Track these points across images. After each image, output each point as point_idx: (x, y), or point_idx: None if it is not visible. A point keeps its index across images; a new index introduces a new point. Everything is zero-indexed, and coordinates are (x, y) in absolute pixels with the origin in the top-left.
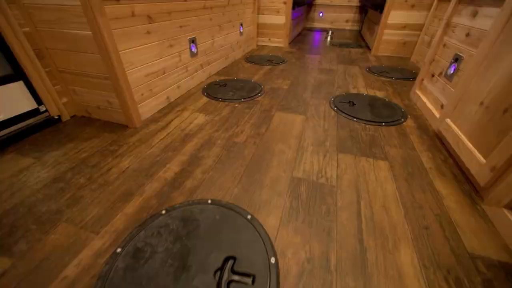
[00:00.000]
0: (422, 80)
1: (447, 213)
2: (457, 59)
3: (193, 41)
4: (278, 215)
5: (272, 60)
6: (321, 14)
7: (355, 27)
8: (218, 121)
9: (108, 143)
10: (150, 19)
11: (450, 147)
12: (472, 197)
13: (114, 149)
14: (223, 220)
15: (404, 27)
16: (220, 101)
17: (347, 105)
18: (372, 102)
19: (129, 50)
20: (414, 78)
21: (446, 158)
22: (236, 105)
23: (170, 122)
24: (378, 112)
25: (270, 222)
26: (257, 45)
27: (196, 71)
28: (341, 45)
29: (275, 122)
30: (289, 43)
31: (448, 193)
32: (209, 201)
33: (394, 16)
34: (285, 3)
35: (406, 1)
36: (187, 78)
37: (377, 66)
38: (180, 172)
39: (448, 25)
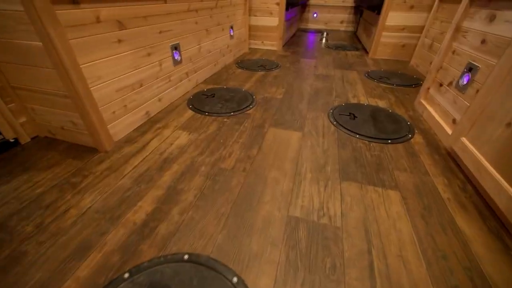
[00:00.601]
0: (428, 89)
1: (478, 264)
2: (471, 69)
3: (176, 47)
4: (272, 274)
5: (265, 65)
6: (315, 15)
7: (350, 28)
8: (203, 141)
9: (70, 173)
10: (121, 25)
11: (468, 171)
12: (503, 240)
13: (76, 181)
14: (201, 287)
15: (403, 29)
16: (207, 115)
17: (347, 118)
18: (375, 113)
19: (95, 62)
20: (416, 85)
21: (464, 185)
22: (225, 120)
23: (148, 143)
24: (382, 126)
25: (262, 285)
26: (250, 49)
27: (181, 81)
28: (336, 48)
29: (268, 141)
30: (283, 46)
31: (474, 234)
32: (186, 257)
33: (393, 17)
34: (278, 4)
35: (404, 2)
36: (170, 89)
37: (376, 70)
38: (153, 213)
39: (457, 29)
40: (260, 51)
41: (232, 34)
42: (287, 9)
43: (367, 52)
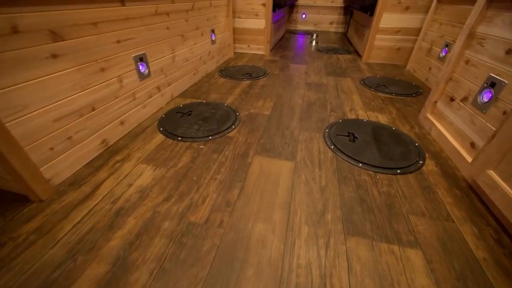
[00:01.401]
0: (435, 102)
1: None
2: (493, 84)
3: (141, 58)
4: None
5: (251, 72)
6: (304, 16)
7: (340, 29)
8: (171, 180)
9: None
10: (55, 35)
11: (501, 215)
12: None
13: None
14: None
15: (398, 31)
16: (180, 140)
17: (346, 139)
18: (377, 132)
19: (15, 87)
20: (416, 93)
21: (499, 235)
22: (201, 146)
23: (99, 185)
24: (387, 150)
25: None
26: (235, 53)
27: (151, 97)
28: (328, 51)
29: (253, 177)
30: (271, 50)
31: None
32: None
33: (387, 19)
34: (264, 5)
35: (399, 3)
36: (136, 108)
37: (372, 77)
38: None
39: (471, 36)
40: (247, 56)
41: (213, 38)
42: (274, 10)
43: (360, 56)
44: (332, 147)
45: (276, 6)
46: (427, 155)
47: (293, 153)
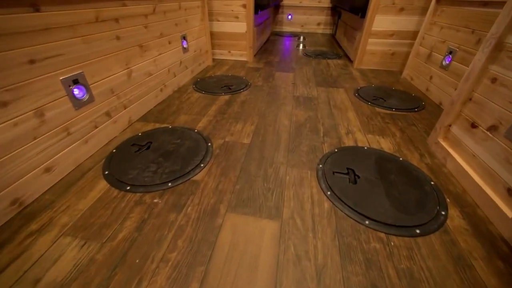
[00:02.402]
0: (450, 126)
1: None
2: None
3: (76, 81)
4: None
5: (231, 84)
6: (289, 17)
7: (328, 31)
8: (103, 266)
9: None
10: None
11: None
12: None
13: None
14: None
15: (391, 35)
16: (129, 189)
17: (346, 178)
18: (382, 166)
19: None
20: (419, 108)
21: None
22: (156, 200)
23: None
24: (399, 195)
25: None
26: (214, 60)
27: (96, 127)
28: (316, 55)
29: (222, 253)
30: (255, 55)
31: None
32: None
33: (380, 21)
34: (244, 6)
35: (393, 4)
36: (71, 147)
37: (367, 87)
38: None
39: (499, 47)
40: (227, 63)
41: (185, 46)
42: (256, 12)
43: (351, 61)
44: (329, 193)
45: (258, 8)
46: (448, 199)
47: (278, 205)
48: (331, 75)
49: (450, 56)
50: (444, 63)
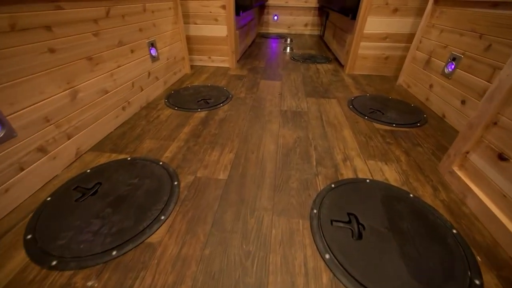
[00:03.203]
0: (467, 153)
1: None
2: None
3: None
4: None
5: (209, 97)
6: (275, 18)
7: (316, 32)
8: None
9: None
10: None
11: None
12: None
13: None
14: None
15: (385, 38)
16: (54, 266)
17: (348, 231)
18: (391, 209)
19: None
20: (421, 122)
21: None
22: (90, 283)
23: None
24: (417, 256)
25: None
26: (193, 67)
27: (22, 169)
28: (305, 59)
29: None
30: (238, 61)
31: None
32: None
33: (372, 23)
34: (223, 7)
35: (387, 4)
36: None
37: (361, 97)
38: None
39: None
40: (207, 71)
41: (155, 54)
42: (238, 13)
43: (341, 65)
44: (327, 256)
45: (240, 9)
46: (478, 258)
47: (260, 283)
48: (322, 82)
49: (454, 63)
50: (446, 70)
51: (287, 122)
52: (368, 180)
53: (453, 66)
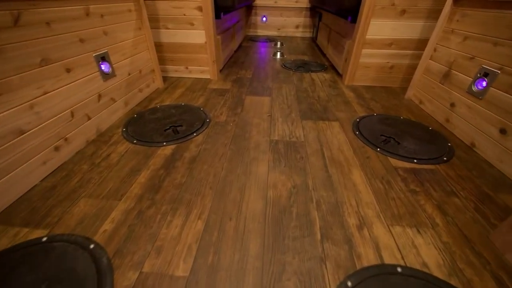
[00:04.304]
0: None
1: None
2: None
3: None
4: None
5: (181, 123)
6: (264, 19)
7: (308, 34)
8: None
9: None
10: None
11: None
12: None
13: None
14: None
15: (390, 44)
16: None
17: None
18: None
19: None
20: (447, 155)
21: None
22: None
23: None
24: None
25: None
26: (167, 79)
27: None
28: (298, 67)
29: None
30: (221, 70)
31: None
32: None
33: (376, 27)
34: (200, 9)
35: (393, 5)
36: None
37: (368, 118)
38: None
39: None
40: (184, 84)
41: (108, 70)
42: (218, 16)
43: (339, 75)
44: None
45: (220, 10)
46: None
47: None
48: (319, 98)
49: (485, 79)
50: (474, 88)
51: (278, 161)
52: (399, 269)
53: (484, 84)
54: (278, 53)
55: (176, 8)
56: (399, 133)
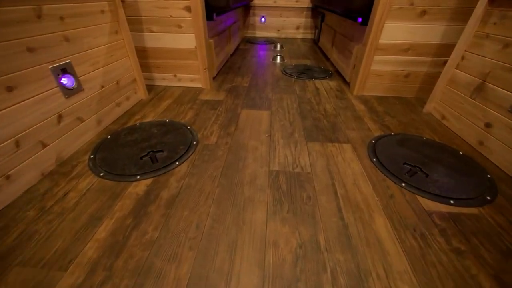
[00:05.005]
0: None
1: None
2: None
3: None
4: None
5: (162, 146)
6: (263, 20)
7: (309, 35)
8: None
9: None
10: None
11: None
12: None
13: None
14: None
15: (407, 50)
16: None
17: None
18: None
19: None
20: (490, 194)
21: None
22: None
23: None
24: None
25: None
26: (153, 88)
27: None
28: (300, 74)
29: None
30: (214, 77)
31: None
32: None
33: (391, 31)
34: (188, 9)
35: (411, 5)
36: None
37: (385, 139)
38: None
39: None
40: (171, 94)
41: (72, 84)
42: (210, 17)
43: (346, 82)
44: None
45: (213, 11)
46: None
47: None
48: (325, 111)
49: None
50: None
51: (280, 203)
52: None
53: None
54: (278, 57)
55: (161, 8)
56: (425, 161)
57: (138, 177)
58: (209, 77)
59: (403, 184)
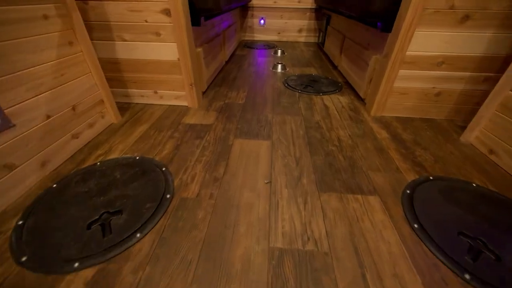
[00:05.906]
0: None
1: None
2: None
3: None
4: None
5: (123, 202)
6: (262, 22)
7: (312, 39)
8: None
9: None
10: None
11: None
12: None
13: None
14: None
15: (440, 63)
16: None
17: None
18: None
19: None
20: None
21: None
22: None
23: None
24: None
25: None
26: (130, 107)
27: None
28: (305, 87)
29: None
30: (204, 92)
31: None
32: None
33: (422, 40)
34: (167, 13)
35: (451, 9)
36: None
37: (424, 188)
38: None
39: None
40: (151, 115)
41: None
42: (197, 23)
43: (361, 99)
44: None
45: (200, 14)
46: None
47: None
48: (339, 141)
49: None
50: None
51: None
52: None
53: None
54: (279, 66)
55: (133, 11)
56: (488, 229)
57: (77, 264)
58: (197, 94)
59: (467, 277)
